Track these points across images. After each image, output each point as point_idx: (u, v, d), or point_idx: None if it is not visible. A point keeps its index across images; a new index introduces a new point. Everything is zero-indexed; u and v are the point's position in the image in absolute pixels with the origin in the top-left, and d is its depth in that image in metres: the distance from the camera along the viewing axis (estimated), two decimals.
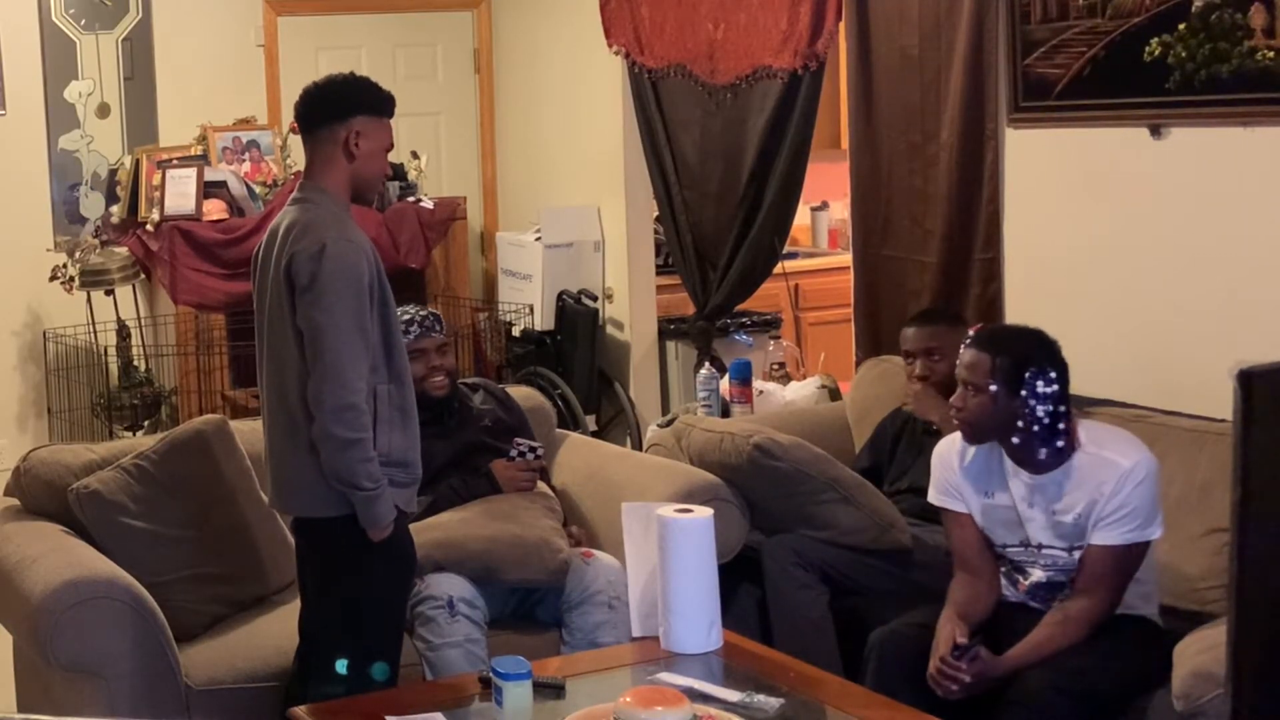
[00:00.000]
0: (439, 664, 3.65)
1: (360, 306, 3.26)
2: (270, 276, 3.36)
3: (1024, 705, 3.25)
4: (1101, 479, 3.36)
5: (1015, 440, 3.41)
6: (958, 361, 3.49)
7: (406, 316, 4.10)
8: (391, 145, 3.46)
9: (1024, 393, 3.37)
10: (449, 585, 3.74)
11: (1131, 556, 3.38)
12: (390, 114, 3.44)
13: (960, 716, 3.28)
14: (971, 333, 3.56)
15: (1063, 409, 3.39)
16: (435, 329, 4.14)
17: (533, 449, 4.11)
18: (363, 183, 3.42)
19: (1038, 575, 3.47)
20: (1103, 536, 3.35)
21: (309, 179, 3.42)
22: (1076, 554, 3.41)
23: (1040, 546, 3.45)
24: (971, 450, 3.54)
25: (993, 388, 3.38)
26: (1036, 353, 3.42)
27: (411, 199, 6.42)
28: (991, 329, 3.63)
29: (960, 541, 3.60)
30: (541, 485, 4.15)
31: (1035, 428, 3.38)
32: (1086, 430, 3.44)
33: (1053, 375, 3.39)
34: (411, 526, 3.84)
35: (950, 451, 3.60)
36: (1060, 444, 3.39)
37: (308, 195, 3.38)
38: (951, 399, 3.49)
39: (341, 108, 3.37)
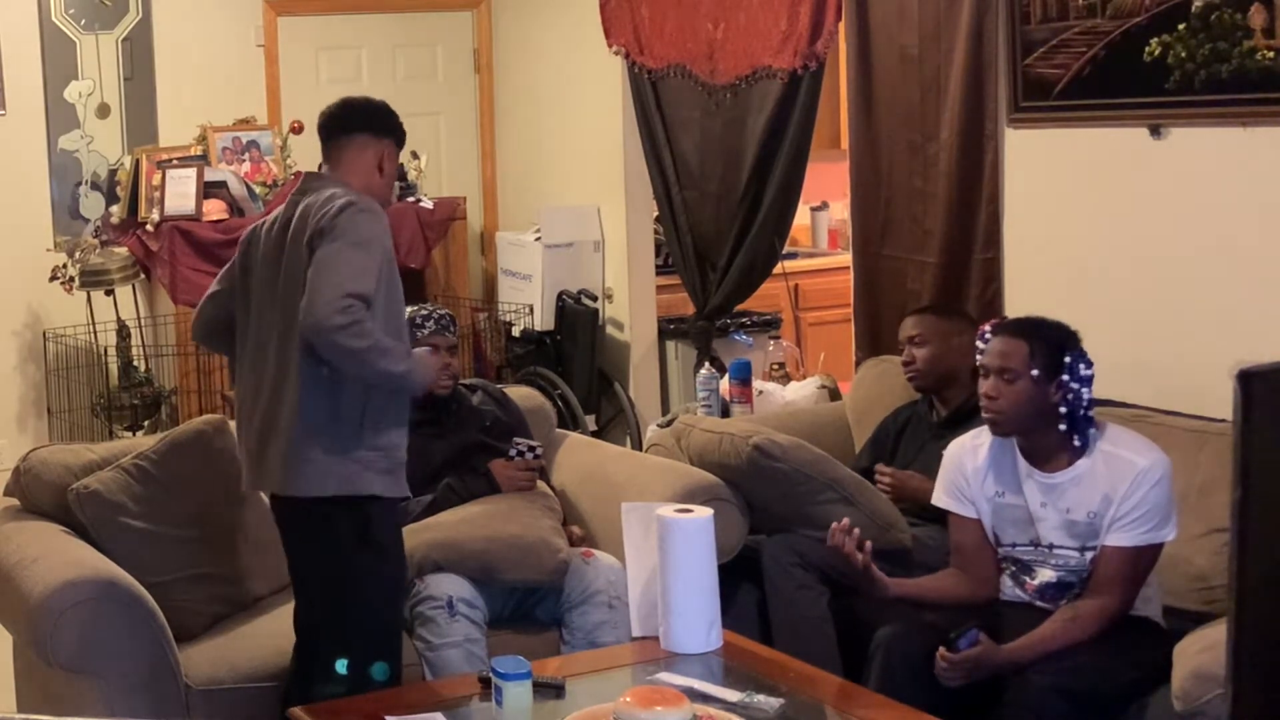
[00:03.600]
0: (439, 664, 3.65)
1: (380, 263, 3.37)
2: (286, 255, 3.40)
3: (1024, 705, 3.25)
4: (1116, 478, 3.36)
5: (1060, 428, 3.38)
6: (987, 351, 3.46)
7: (424, 312, 4.15)
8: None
9: (1065, 377, 3.37)
10: (448, 585, 3.74)
11: (1145, 558, 3.38)
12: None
13: (961, 716, 3.28)
14: (988, 327, 3.54)
15: (1091, 395, 3.42)
16: (450, 329, 4.17)
17: (532, 448, 4.11)
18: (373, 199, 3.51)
19: (1047, 575, 3.47)
20: (1117, 538, 3.35)
21: (334, 172, 3.52)
22: (1088, 555, 3.40)
23: (1051, 547, 3.45)
24: (985, 450, 3.53)
25: (1034, 373, 3.37)
26: (1067, 338, 3.43)
27: (411, 199, 6.43)
28: (1014, 319, 3.57)
29: (961, 544, 3.61)
30: (541, 485, 4.15)
31: (1080, 412, 3.37)
32: (1100, 429, 3.45)
33: (1089, 359, 3.40)
34: (411, 527, 3.85)
35: (962, 453, 3.59)
36: (1091, 430, 3.39)
37: (324, 184, 3.47)
38: (983, 389, 3.46)
39: (383, 125, 3.56)
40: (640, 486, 4.10)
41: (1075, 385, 3.37)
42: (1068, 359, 3.39)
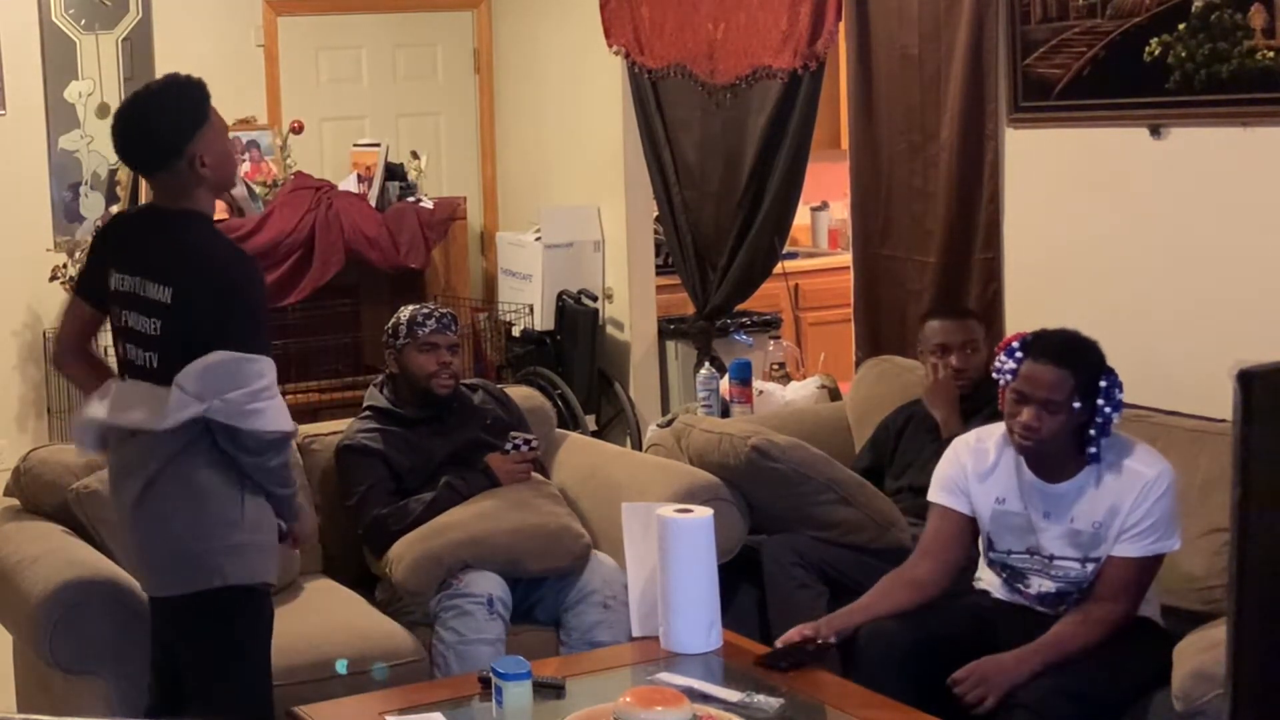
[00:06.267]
0: (469, 657, 3.67)
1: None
2: None
3: (1026, 706, 3.24)
4: (1123, 489, 3.34)
5: (1087, 449, 3.36)
6: (1025, 378, 3.36)
7: (425, 310, 4.18)
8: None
9: (1101, 401, 3.33)
10: (489, 584, 3.78)
11: (1151, 568, 3.38)
12: None
13: (960, 717, 3.27)
14: (1017, 345, 3.43)
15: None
16: (451, 327, 4.18)
17: (527, 441, 4.13)
18: None
19: (1046, 585, 3.45)
20: (1124, 549, 3.34)
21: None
22: (1089, 566, 3.38)
23: (1052, 558, 3.42)
24: (990, 455, 3.51)
25: (1076, 405, 3.33)
26: (1100, 359, 3.40)
27: (411, 199, 6.42)
28: (1051, 342, 3.43)
29: (939, 531, 3.57)
30: (539, 476, 4.17)
31: (1108, 430, 3.36)
32: (1107, 438, 3.43)
33: (1117, 377, 3.37)
34: (429, 529, 3.87)
35: (966, 451, 3.56)
36: (1107, 440, 3.38)
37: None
38: (1023, 419, 3.35)
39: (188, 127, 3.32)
40: (640, 486, 4.10)
41: (1109, 410, 3.35)
42: (1103, 383, 3.35)
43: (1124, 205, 4.19)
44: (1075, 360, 3.36)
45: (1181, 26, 3.93)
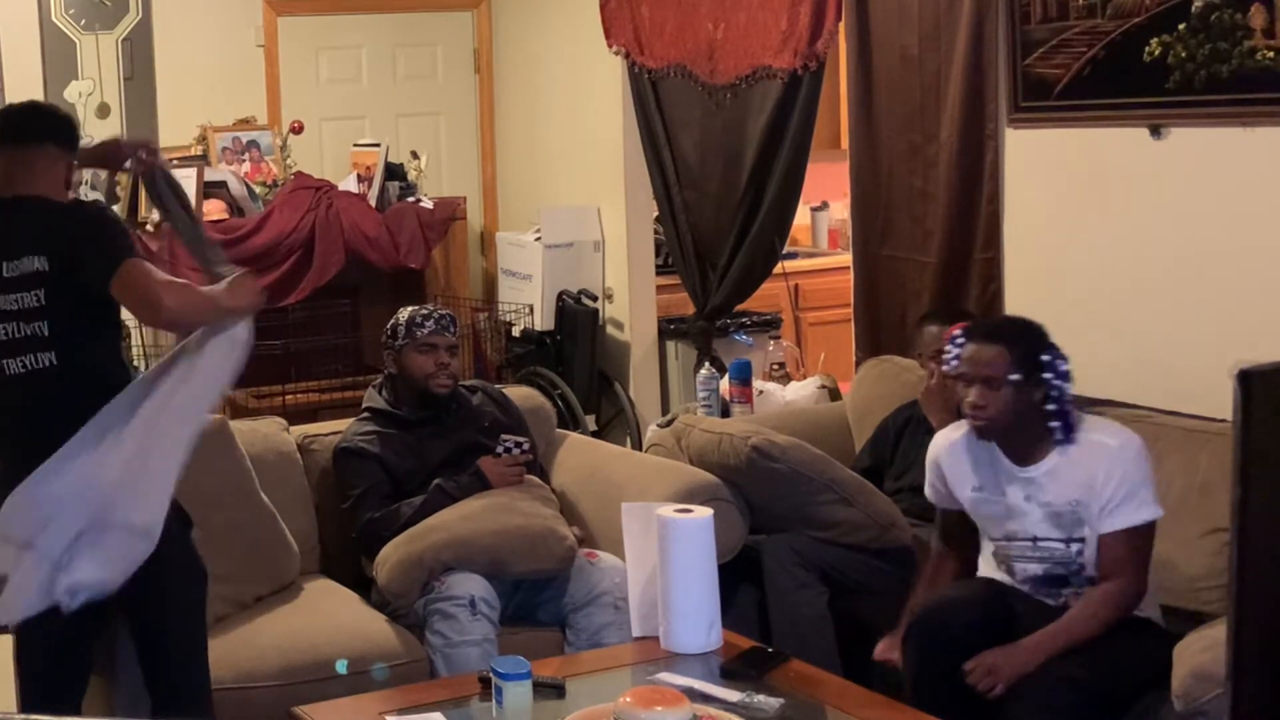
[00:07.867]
0: (457, 660, 3.67)
1: None
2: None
3: (1029, 701, 3.25)
4: (1093, 462, 3.37)
5: (1048, 425, 3.39)
6: (964, 360, 3.44)
7: (424, 312, 4.20)
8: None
9: (1048, 375, 3.38)
10: (471, 585, 3.77)
11: (1143, 536, 3.39)
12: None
13: (966, 710, 3.28)
14: (957, 331, 3.53)
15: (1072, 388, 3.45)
16: (450, 329, 4.19)
17: (518, 444, 4.13)
18: None
19: (1032, 569, 3.47)
20: (1110, 523, 3.36)
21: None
22: (1074, 546, 3.41)
23: (1036, 540, 3.45)
24: (960, 448, 3.55)
25: (1014, 378, 3.37)
26: (1040, 336, 3.45)
27: (411, 199, 6.42)
28: (983, 323, 3.60)
29: (944, 526, 3.70)
30: (534, 478, 4.16)
31: (1066, 407, 3.39)
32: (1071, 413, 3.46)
33: (1063, 353, 3.41)
34: (413, 531, 3.86)
35: (938, 453, 3.63)
36: (1073, 418, 3.41)
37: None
38: (970, 399, 3.43)
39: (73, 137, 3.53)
40: (640, 486, 4.10)
41: (1058, 382, 3.39)
42: (1045, 357, 3.40)
43: (1124, 205, 4.19)
44: (1010, 337, 3.43)
45: (1181, 26, 3.93)
